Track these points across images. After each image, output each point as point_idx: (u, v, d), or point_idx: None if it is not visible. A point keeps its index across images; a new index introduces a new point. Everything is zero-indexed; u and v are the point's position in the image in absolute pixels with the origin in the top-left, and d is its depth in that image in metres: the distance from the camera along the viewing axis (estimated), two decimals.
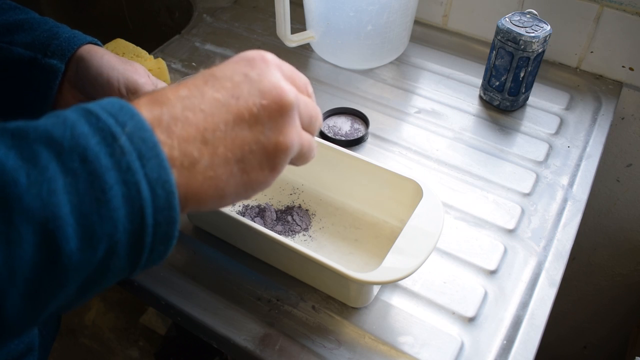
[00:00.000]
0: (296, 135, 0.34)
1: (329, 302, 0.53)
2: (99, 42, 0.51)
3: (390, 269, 0.46)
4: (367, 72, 0.80)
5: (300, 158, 0.36)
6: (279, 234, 0.53)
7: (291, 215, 0.58)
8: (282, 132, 0.33)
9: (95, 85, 0.48)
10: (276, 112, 0.33)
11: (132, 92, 0.49)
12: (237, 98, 0.32)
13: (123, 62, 0.49)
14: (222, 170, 0.31)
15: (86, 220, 0.26)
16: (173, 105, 0.30)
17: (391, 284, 0.54)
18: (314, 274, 0.52)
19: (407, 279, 0.54)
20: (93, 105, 0.28)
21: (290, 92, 0.34)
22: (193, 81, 0.32)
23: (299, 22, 0.85)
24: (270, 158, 0.33)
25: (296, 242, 0.56)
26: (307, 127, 0.36)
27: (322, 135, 0.68)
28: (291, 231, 0.57)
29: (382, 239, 0.56)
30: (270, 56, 0.35)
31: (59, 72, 0.47)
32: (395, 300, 0.53)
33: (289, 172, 0.62)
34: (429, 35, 0.87)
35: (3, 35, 0.47)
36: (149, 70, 0.68)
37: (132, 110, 0.29)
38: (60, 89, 0.49)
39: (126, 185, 0.27)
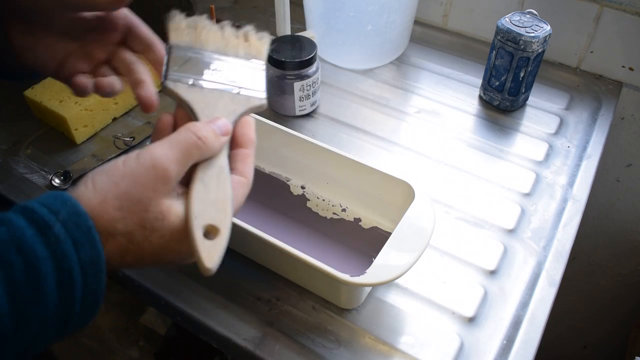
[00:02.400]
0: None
1: (328, 302, 0.53)
2: None
3: (379, 271, 0.45)
4: (367, 72, 0.80)
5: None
6: None
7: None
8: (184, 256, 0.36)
9: (36, 7, 0.41)
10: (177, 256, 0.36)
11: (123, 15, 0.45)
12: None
13: None
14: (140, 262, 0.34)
15: (20, 307, 0.28)
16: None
17: (389, 284, 0.54)
18: (304, 275, 0.52)
19: (407, 279, 0.54)
20: (30, 202, 0.30)
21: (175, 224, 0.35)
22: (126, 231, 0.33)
23: (299, 22, 0.85)
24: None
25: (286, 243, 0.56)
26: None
27: (272, 60, 0.66)
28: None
29: (374, 240, 0.56)
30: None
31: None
32: (395, 300, 0.53)
33: (280, 171, 0.62)
34: (429, 35, 0.87)
35: None
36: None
37: (64, 197, 0.31)
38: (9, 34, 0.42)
39: (60, 272, 0.29)
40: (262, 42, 0.43)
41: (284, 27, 0.79)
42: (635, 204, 0.90)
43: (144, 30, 0.48)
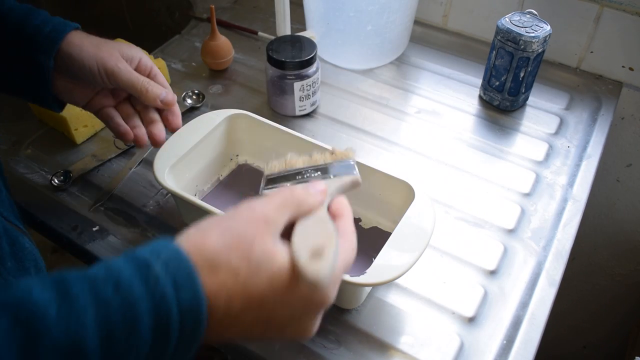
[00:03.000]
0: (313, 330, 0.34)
1: None
2: (75, 25, 0.52)
3: (379, 271, 0.45)
4: (367, 72, 0.80)
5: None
6: None
7: None
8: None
9: (79, 75, 0.51)
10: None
11: (109, 76, 0.51)
12: (268, 330, 0.32)
13: (99, 49, 0.51)
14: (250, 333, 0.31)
15: (113, 350, 0.26)
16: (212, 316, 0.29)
17: (389, 284, 0.54)
18: None
19: (407, 279, 0.54)
20: (136, 249, 0.29)
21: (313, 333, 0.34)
22: (235, 293, 0.30)
23: (299, 22, 0.85)
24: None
25: None
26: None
27: (272, 60, 0.67)
28: None
29: (374, 240, 0.56)
30: (330, 295, 0.33)
31: (49, 69, 0.49)
32: (395, 300, 0.53)
33: None
34: (429, 35, 0.87)
35: None
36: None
37: (166, 241, 0.29)
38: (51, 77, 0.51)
39: (157, 315, 0.27)
40: (348, 150, 0.43)
41: (284, 27, 0.79)
42: (635, 204, 0.90)
43: (161, 79, 0.55)
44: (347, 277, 0.45)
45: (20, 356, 0.24)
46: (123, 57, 0.52)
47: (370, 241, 0.56)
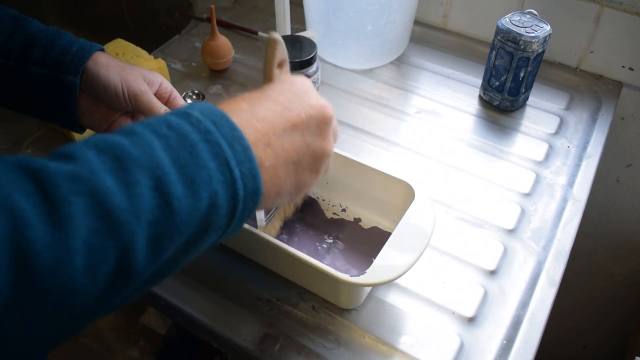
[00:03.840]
0: (332, 143, 0.40)
1: (328, 302, 0.53)
2: (100, 47, 0.54)
3: (379, 271, 0.45)
4: (367, 72, 0.80)
5: (328, 166, 0.41)
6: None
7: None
8: (326, 139, 0.39)
9: (104, 97, 0.52)
10: (322, 122, 0.39)
11: (135, 99, 0.52)
12: (290, 109, 0.37)
13: (125, 71, 0.53)
14: (282, 170, 0.36)
15: (185, 170, 0.30)
16: (238, 115, 0.35)
17: (389, 284, 0.54)
18: (304, 276, 0.52)
19: (407, 279, 0.54)
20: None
21: (330, 107, 0.40)
22: (248, 96, 0.37)
23: (299, 22, 0.85)
24: (316, 161, 0.39)
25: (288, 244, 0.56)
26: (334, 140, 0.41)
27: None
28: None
29: (374, 240, 0.56)
30: (308, 81, 0.41)
31: (76, 87, 0.51)
32: (395, 300, 0.53)
33: None
34: (429, 35, 0.87)
35: (17, 55, 0.51)
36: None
37: (195, 102, 0.35)
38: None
39: (209, 143, 0.31)
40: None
41: (284, 27, 0.79)
42: (635, 204, 0.90)
43: (180, 102, 0.57)
44: (347, 278, 0.45)
45: (114, 174, 0.28)
46: (145, 81, 0.54)
47: (370, 241, 0.56)
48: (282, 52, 0.42)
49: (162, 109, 0.54)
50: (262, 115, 0.36)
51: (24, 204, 0.25)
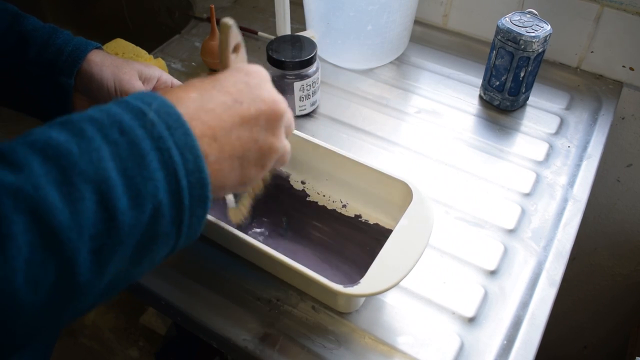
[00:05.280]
0: (283, 139, 0.40)
1: None
2: (97, 45, 0.53)
3: (373, 280, 0.45)
4: (367, 72, 0.80)
5: (281, 160, 0.41)
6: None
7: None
8: (275, 135, 0.38)
9: (97, 95, 0.52)
10: (272, 117, 0.38)
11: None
12: (240, 102, 0.36)
13: (119, 70, 0.52)
14: (226, 164, 0.35)
15: (131, 181, 0.29)
16: (186, 105, 0.34)
17: None
18: (301, 282, 0.52)
19: (407, 279, 0.54)
20: (122, 98, 0.33)
21: (283, 102, 0.39)
22: (200, 84, 0.36)
23: (299, 22, 0.85)
24: (263, 157, 0.38)
25: (288, 240, 0.56)
26: (287, 132, 0.41)
27: (272, 60, 0.67)
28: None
29: (375, 236, 0.56)
30: (264, 71, 0.40)
31: (70, 88, 0.51)
32: (395, 300, 0.53)
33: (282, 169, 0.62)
34: (429, 35, 0.87)
35: (11, 53, 0.50)
36: None
37: (153, 94, 0.33)
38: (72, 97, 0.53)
39: (160, 152, 0.30)
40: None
41: (284, 27, 0.79)
42: (635, 204, 0.90)
43: None
44: (341, 288, 0.45)
45: (59, 188, 0.27)
46: (141, 78, 0.53)
47: (371, 237, 0.56)
48: (235, 36, 0.41)
49: None
50: (211, 107, 0.35)
51: None
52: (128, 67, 0.52)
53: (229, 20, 0.39)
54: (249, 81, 0.38)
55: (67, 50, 0.50)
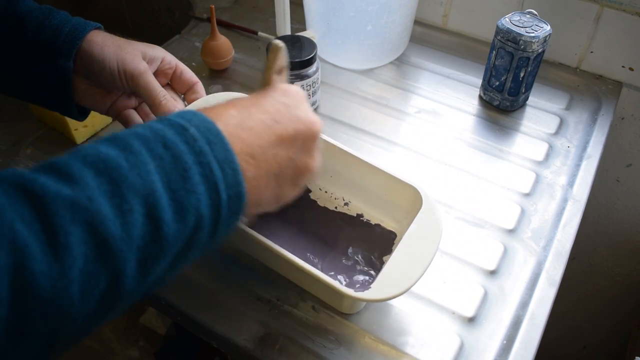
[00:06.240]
0: (318, 159, 0.41)
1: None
2: (96, 25, 0.51)
3: (384, 286, 0.45)
4: (367, 72, 0.80)
5: (312, 179, 0.41)
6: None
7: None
8: (311, 155, 0.39)
9: (99, 77, 0.50)
10: (309, 138, 0.39)
11: (132, 81, 0.50)
12: (278, 122, 0.37)
13: (122, 50, 0.50)
14: (263, 181, 0.36)
15: (176, 195, 0.30)
16: (225, 122, 0.35)
17: None
18: (306, 282, 0.52)
19: None
20: (162, 116, 0.34)
21: (319, 122, 0.40)
22: (239, 102, 0.37)
23: (299, 22, 0.85)
24: (299, 176, 0.39)
25: (286, 234, 0.56)
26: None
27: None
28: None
29: (377, 237, 0.56)
30: (302, 92, 0.41)
31: (69, 71, 0.49)
32: (395, 300, 0.53)
33: None
34: (429, 35, 0.87)
35: (7, 37, 0.48)
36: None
37: (193, 111, 0.34)
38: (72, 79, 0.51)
39: (201, 166, 0.32)
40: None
41: (284, 27, 0.79)
42: (635, 204, 0.90)
43: (189, 75, 0.56)
44: (352, 292, 0.45)
45: (110, 201, 0.28)
46: (145, 59, 0.51)
47: (373, 237, 0.56)
48: (283, 59, 0.42)
49: (161, 91, 0.51)
50: (250, 125, 0.36)
51: (25, 234, 0.25)
52: (131, 47, 0.50)
53: (280, 43, 0.41)
54: (287, 101, 0.39)
55: (64, 31, 0.48)
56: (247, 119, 0.36)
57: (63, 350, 0.29)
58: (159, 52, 0.53)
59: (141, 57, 0.51)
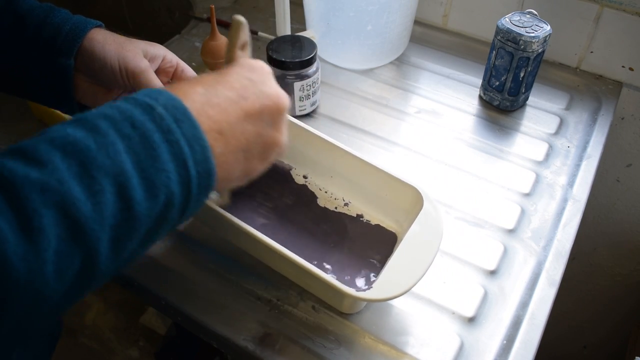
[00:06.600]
0: (285, 134, 0.41)
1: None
2: (97, 23, 0.51)
3: (386, 285, 0.45)
4: (367, 72, 0.80)
5: (280, 153, 0.42)
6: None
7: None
8: (278, 129, 0.40)
9: (100, 75, 0.50)
10: (276, 112, 0.39)
11: (133, 78, 0.50)
12: (245, 98, 0.37)
13: (123, 47, 0.50)
14: (232, 157, 0.36)
15: (146, 173, 0.31)
16: (193, 99, 0.35)
17: None
18: (307, 281, 0.52)
19: None
20: (129, 95, 0.34)
21: (285, 97, 0.40)
22: (205, 79, 0.37)
23: (299, 22, 0.85)
24: (266, 150, 0.39)
25: (284, 233, 0.56)
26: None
27: (272, 60, 0.67)
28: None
29: (376, 237, 0.56)
30: (267, 67, 0.41)
31: (70, 69, 0.49)
32: (395, 300, 0.53)
33: (283, 158, 0.62)
34: (429, 35, 0.87)
35: (7, 35, 0.48)
36: None
37: (159, 90, 0.34)
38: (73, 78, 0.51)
39: (169, 144, 0.32)
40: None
41: (284, 27, 0.79)
42: (635, 204, 0.90)
43: (190, 73, 0.55)
44: (353, 292, 0.45)
45: (81, 182, 0.28)
46: (146, 57, 0.51)
47: (372, 238, 0.56)
48: (245, 34, 0.42)
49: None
50: (217, 102, 0.36)
51: None
52: (132, 45, 0.50)
53: (241, 18, 0.40)
54: (252, 77, 0.39)
55: (65, 29, 0.48)
56: (214, 96, 0.36)
57: (42, 327, 0.30)
58: (160, 50, 0.53)
59: (142, 55, 0.51)
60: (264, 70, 0.40)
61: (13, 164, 0.28)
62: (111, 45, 0.49)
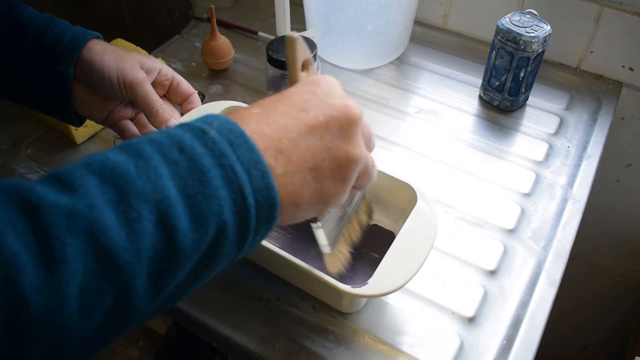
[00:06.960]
0: (363, 148, 0.36)
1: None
2: (96, 34, 0.52)
3: (381, 281, 0.45)
4: (367, 72, 0.80)
5: (365, 174, 0.38)
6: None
7: None
8: (351, 142, 0.35)
9: (98, 86, 0.50)
10: (345, 123, 0.35)
11: (130, 89, 0.50)
12: (307, 111, 0.34)
13: (121, 59, 0.50)
14: (297, 177, 0.32)
15: (193, 200, 0.28)
16: (247, 121, 0.32)
17: None
18: (305, 281, 0.52)
19: None
20: (189, 122, 0.32)
21: (356, 106, 0.36)
22: (264, 101, 0.35)
23: (299, 22, 0.85)
24: (341, 167, 0.34)
25: (284, 236, 0.56)
26: (366, 145, 0.38)
27: (272, 60, 0.66)
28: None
29: (374, 237, 0.56)
30: (334, 79, 0.38)
31: (69, 78, 0.49)
32: (395, 300, 0.53)
33: None
34: (429, 35, 0.87)
35: (7, 42, 0.49)
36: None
37: (216, 115, 0.32)
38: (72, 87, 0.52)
39: (222, 168, 0.29)
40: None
41: (284, 27, 0.79)
42: (635, 204, 0.90)
43: (185, 86, 0.55)
44: (349, 289, 0.45)
45: (115, 208, 0.26)
46: (143, 69, 0.52)
47: (370, 237, 0.56)
48: (303, 51, 0.38)
49: (158, 101, 0.52)
50: (274, 119, 0.33)
51: (17, 246, 0.23)
52: (130, 57, 0.51)
53: (294, 34, 0.37)
54: (316, 90, 0.36)
55: (65, 39, 0.49)
56: (271, 113, 0.33)
57: None
58: (156, 64, 0.54)
59: (139, 67, 0.52)
60: (330, 82, 0.37)
61: (44, 190, 0.25)
62: (110, 56, 0.50)
